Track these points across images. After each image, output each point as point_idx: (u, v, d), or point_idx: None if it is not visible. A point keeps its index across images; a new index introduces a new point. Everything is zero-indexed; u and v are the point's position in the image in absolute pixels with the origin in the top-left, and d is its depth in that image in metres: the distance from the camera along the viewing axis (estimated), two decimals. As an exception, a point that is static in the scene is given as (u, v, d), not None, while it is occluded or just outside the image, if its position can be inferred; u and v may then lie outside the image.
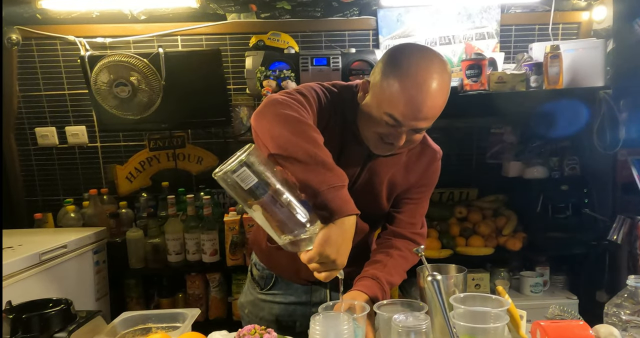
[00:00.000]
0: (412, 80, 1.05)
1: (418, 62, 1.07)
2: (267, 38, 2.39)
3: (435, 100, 1.08)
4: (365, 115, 1.16)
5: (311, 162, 0.93)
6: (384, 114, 1.10)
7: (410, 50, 1.13)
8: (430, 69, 1.06)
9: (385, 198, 1.33)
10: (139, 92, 2.33)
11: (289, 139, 0.96)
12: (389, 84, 1.08)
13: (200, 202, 2.44)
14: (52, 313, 1.01)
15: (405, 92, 1.05)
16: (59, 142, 2.64)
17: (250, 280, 1.49)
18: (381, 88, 1.10)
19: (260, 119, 1.02)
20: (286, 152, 0.94)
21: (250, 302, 1.47)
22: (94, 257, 2.26)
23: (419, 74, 1.06)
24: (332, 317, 0.86)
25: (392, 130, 1.12)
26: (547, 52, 2.19)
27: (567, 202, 2.42)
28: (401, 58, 1.09)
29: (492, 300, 1.03)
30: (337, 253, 0.91)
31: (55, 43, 2.53)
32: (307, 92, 1.15)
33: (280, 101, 1.05)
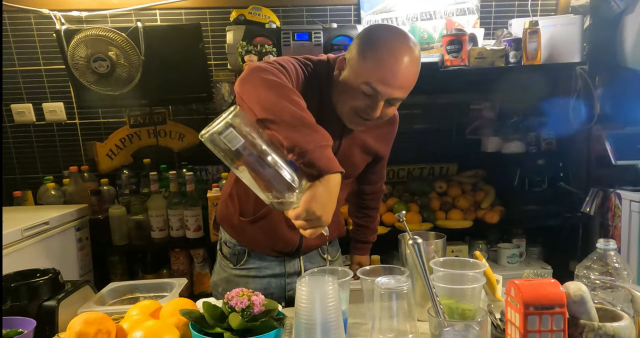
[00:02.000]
0: (388, 50, 1.13)
1: (393, 36, 1.16)
2: (248, 12, 2.37)
3: (409, 70, 1.15)
4: (342, 90, 1.21)
5: (298, 124, 0.96)
6: (362, 84, 1.15)
7: (385, 27, 1.26)
8: (404, 43, 1.15)
9: (361, 164, 1.45)
10: (117, 67, 2.30)
11: (275, 101, 0.99)
12: (366, 56, 1.14)
13: (182, 179, 2.44)
14: (40, 282, 1.02)
15: (382, 60, 1.12)
16: (36, 119, 2.60)
17: (222, 258, 1.50)
18: (359, 60, 1.15)
19: (245, 84, 1.05)
20: (273, 114, 0.97)
21: (224, 280, 1.47)
22: (76, 234, 2.25)
23: (394, 45, 1.14)
24: (318, 279, 0.89)
25: (368, 102, 1.17)
26: (526, 28, 2.23)
27: (543, 176, 2.49)
28: (378, 33, 1.18)
29: (469, 264, 1.08)
30: (322, 209, 0.94)
31: (29, 16, 2.46)
32: (286, 64, 1.18)
33: (264, 68, 1.08)
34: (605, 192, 2.37)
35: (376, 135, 1.41)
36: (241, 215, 1.41)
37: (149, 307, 0.99)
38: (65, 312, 1.03)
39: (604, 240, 1.12)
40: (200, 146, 2.64)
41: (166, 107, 2.62)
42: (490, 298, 1.25)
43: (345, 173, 1.29)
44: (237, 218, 1.42)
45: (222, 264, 1.49)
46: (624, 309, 1.06)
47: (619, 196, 2.30)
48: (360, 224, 1.71)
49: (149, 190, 2.45)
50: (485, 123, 2.69)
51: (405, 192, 2.63)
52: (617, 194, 2.31)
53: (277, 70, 1.09)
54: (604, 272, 1.11)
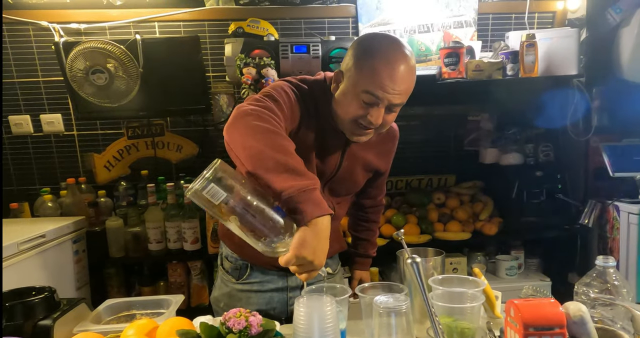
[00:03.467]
0: (385, 56, 1.16)
1: (389, 43, 1.19)
2: (247, 25, 2.38)
3: (406, 75, 1.17)
4: (341, 102, 1.22)
5: (282, 170, 0.96)
6: (362, 93, 1.17)
7: (379, 35, 1.28)
8: (400, 49, 1.18)
9: (362, 181, 1.46)
10: (116, 79, 2.30)
11: (260, 150, 0.99)
12: (363, 64, 1.16)
13: (180, 190, 2.44)
14: (35, 301, 1.01)
15: (380, 67, 1.15)
16: (33, 130, 2.59)
17: (224, 273, 1.49)
18: (356, 70, 1.17)
19: (232, 132, 1.05)
20: (259, 162, 0.97)
21: (226, 295, 1.47)
22: (73, 246, 2.24)
23: (390, 52, 1.17)
24: (316, 299, 0.88)
25: (369, 110, 1.18)
26: (523, 41, 2.24)
27: (541, 187, 2.49)
28: (372, 42, 1.20)
29: (468, 282, 1.08)
30: (313, 254, 0.92)
31: (27, 28, 2.46)
32: (278, 95, 1.18)
33: (250, 112, 1.07)
34: (604, 204, 2.37)
35: (378, 152, 1.42)
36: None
37: (146, 327, 0.99)
38: (61, 331, 1.02)
39: (603, 257, 1.12)
40: (199, 157, 2.66)
41: (164, 119, 2.62)
42: (490, 315, 1.24)
43: (346, 190, 1.35)
44: (237, 236, 1.41)
45: (224, 279, 1.49)
46: (624, 327, 1.06)
47: (617, 208, 2.30)
48: (361, 238, 1.71)
49: (147, 202, 2.44)
50: (483, 134, 2.69)
51: (403, 203, 2.62)
52: (615, 206, 2.31)
53: (266, 110, 1.09)
54: (603, 289, 1.11)
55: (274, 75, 2.18)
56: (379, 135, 1.36)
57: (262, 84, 2.17)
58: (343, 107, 1.22)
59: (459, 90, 2.37)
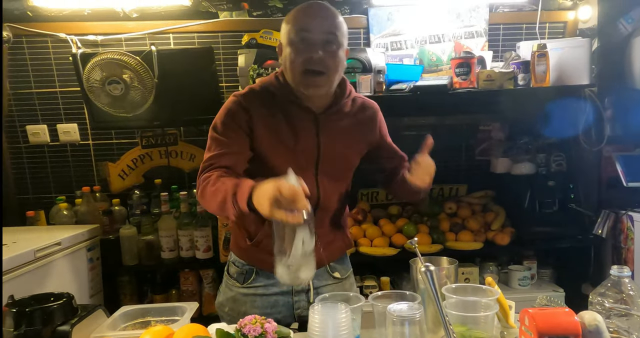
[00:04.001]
0: (302, 7, 1.33)
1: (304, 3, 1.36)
2: (260, 36, 2.41)
3: (324, 13, 1.32)
4: (286, 61, 1.34)
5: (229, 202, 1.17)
6: (294, 40, 1.30)
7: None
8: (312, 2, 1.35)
9: (354, 157, 1.49)
10: (131, 90, 2.34)
11: (217, 208, 1.23)
12: (288, 19, 1.33)
13: (193, 199, 2.46)
14: (54, 307, 1.03)
15: (299, 14, 1.32)
16: (50, 139, 2.64)
17: (228, 278, 1.51)
18: (285, 26, 1.33)
19: (202, 202, 1.30)
20: (224, 213, 1.21)
21: (230, 299, 1.48)
22: (87, 254, 2.27)
23: (306, 3, 1.34)
24: (330, 307, 0.89)
25: (308, 49, 1.29)
26: (534, 51, 2.25)
27: (554, 197, 2.48)
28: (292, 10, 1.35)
29: (482, 291, 1.08)
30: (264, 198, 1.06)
31: (46, 40, 2.52)
32: (222, 125, 1.33)
33: (202, 185, 1.27)
34: (617, 214, 2.35)
35: (353, 123, 1.46)
36: (248, 238, 1.44)
37: (161, 333, 1.00)
38: (79, 336, 1.04)
39: (618, 267, 1.12)
40: (211, 167, 2.68)
41: (178, 128, 2.66)
42: (503, 325, 1.23)
43: (338, 170, 1.46)
44: (244, 242, 1.45)
45: (228, 283, 1.50)
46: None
47: (631, 218, 2.28)
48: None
49: (160, 211, 2.47)
50: (495, 144, 2.69)
51: (414, 212, 2.62)
52: (629, 216, 2.29)
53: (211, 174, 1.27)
54: (618, 300, 1.11)
55: (286, 86, 2.21)
56: (352, 108, 1.45)
57: (275, 94, 2.20)
58: (288, 63, 1.32)
59: (470, 100, 2.38)
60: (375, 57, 2.34)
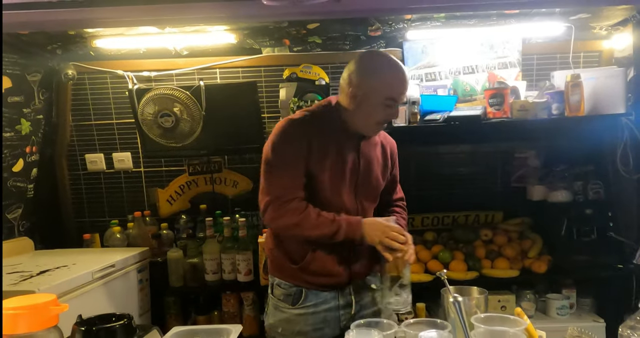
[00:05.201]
0: (393, 70, 1.51)
1: (385, 58, 1.53)
2: (300, 70, 2.56)
3: (407, 78, 1.54)
4: (364, 111, 1.51)
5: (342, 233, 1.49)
6: (385, 100, 1.49)
7: (374, 54, 1.60)
8: (397, 62, 1.53)
9: (382, 181, 1.69)
10: (181, 122, 2.52)
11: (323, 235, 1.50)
12: (379, 80, 1.49)
13: (235, 224, 2.58)
14: (117, 326, 1.16)
15: (394, 80, 1.50)
16: (106, 167, 2.85)
17: (277, 301, 1.62)
18: (374, 85, 1.49)
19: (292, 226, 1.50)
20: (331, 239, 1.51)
21: (283, 320, 1.59)
22: (138, 275, 2.42)
23: (392, 64, 1.52)
24: (364, 332, 0.97)
25: (388, 111, 1.52)
26: (568, 81, 2.28)
27: (592, 225, 2.46)
28: (373, 61, 1.53)
29: (510, 321, 1.13)
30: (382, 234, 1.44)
31: (105, 77, 2.76)
32: (284, 150, 1.49)
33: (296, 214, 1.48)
34: (659, 244, 2.32)
35: (381, 151, 1.69)
36: (292, 262, 1.57)
37: (211, 353, 1.10)
38: (137, 353, 1.15)
39: (647, 299, 1.14)
40: (252, 193, 2.82)
41: (222, 157, 2.81)
42: (533, 354, 1.27)
43: (371, 192, 1.67)
44: (288, 265, 1.58)
45: (279, 306, 1.61)
46: (668, 372, 1.07)
47: (673, 248, 2.24)
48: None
49: (205, 235, 2.61)
50: (531, 171, 2.71)
51: (450, 239, 2.65)
52: (671, 246, 2.25)
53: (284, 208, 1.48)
54: (647, 333, 1.13)
55: (324, 117, 2.32)
56: (379, 136, 1.70)
57: (314, 126, 2.31)
58: (367, 114, 1.52)
59: (504, 129, 2.42)
60: (410, 89, 2.43)
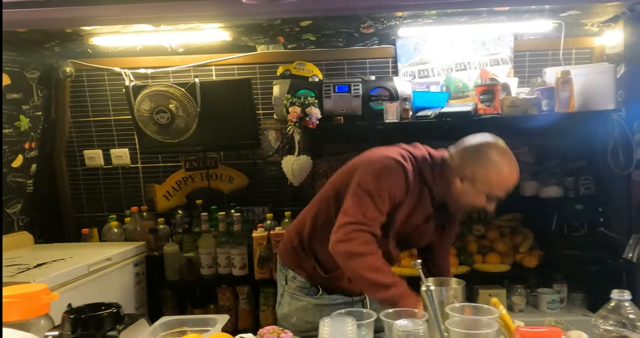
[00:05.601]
0: (512, 170, 1.50)
1: (508, 156, 1.51)
2: (294, 67, 2.59)
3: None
4: (467, 195, 1.52)
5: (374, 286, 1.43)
6: (490, 193, 1.50)
7: (498, 147, 1.53)
8: (514, 161, 1.52)
9: (432, 241, 1.72)
10: (177, 118, 2.56)
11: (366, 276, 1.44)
12: (493, 176, 1.48)
13: (231, 219, 2.62)
14: (105, 315, 1.20)
15: (507, 181, 1.49)
16: (104, 163, 2.90)
17: (294, 291, 1.67)
18: (488, 178, 1.48)
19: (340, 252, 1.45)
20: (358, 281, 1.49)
21: (299, 309, 1.64)
22: (134, 269, 2.47)
23: (513, 165, 1.51)
24: (339, 320, 1.00)
25: (489, 202, 1.53)
26: (558, 78, 2.30)
27: (582, 220, 2.49)
28: (497, 154, 1.50)
29: (484, 310, 1.16)
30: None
31: (103, 74, 2.80)
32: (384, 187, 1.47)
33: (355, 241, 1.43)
34: (648, 239, 2.34)
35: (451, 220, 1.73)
36: (323, 271, 1.62)
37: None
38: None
39: (619, 291, 1.18)
40: (248, 188, 2.86)
41: (218, 153, 2.85)
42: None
43: (413, 246, 1.80)
44: (315, 271, 1.63)
45: (295, 295, 1.67)
46: (638, 360, 1.10)
47: (662, 243, 2.26)
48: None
49: (200, 229, 2.65)
50: (523, 167, 2.70)
51: (443, 234, 2.68)
52: (660, 241, 2.27)
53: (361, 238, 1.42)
54: (619, 322, 1.16)
55: (317, 114, 2.36)
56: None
57: (307, 122, 2.35)
58: (468, 198, 1.53)
59: (495, 125, 2.44)
60: (402, 85, 2.46)
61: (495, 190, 1.49)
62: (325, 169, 2.75)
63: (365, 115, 2.45)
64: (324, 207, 1.61)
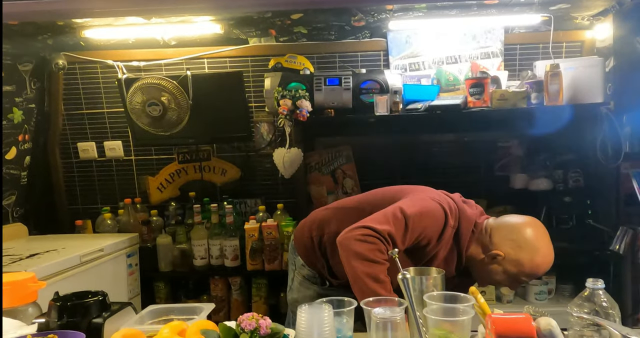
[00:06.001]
0: (547, 257, 1.47)
1: (547, 243, 1.48)
2: (285, 60, 2.60)
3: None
4: (497, 274, 1.49)
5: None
6: (520, 277, 1.47)
7: (539, 231, 1.51)
8: (549, 247, 1.49)
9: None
10: (169, 111, 2.58)
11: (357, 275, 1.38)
12: (530, 260, 1.44)
13: (223, 211, 2.65)
14: (91, 302, 1.22)
15: (543, 265, 1.46)
16: (98, 155, 2.92)
17: (303, 279, 1.68)
18: (515, 263, 1.45)
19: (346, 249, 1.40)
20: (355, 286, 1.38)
21: (308, 297, 1.64)
22: (127, 260, 2.50)
23: (550, 252, 1.48)
24: (316, 307, 1.03)
25: (513, 284, 1.52)
26: (547, 71, 2.32)
27: (571, 213, 2.51)
28: (537, 238, 1.48)
29: (461, 298, 1.18)
30: None
31: (95, 67, 2.81)
32: (419, 224, 1.42)
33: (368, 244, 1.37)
34: (635, 231, 2.36)
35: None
36: (332, 276, 1.63)
37: (178, 327, 1.16)
38: (110, 328, 1.22)
39: (593, 280, 1.21)
40: (241, 181, 2.88)
41: (211, 145, 2.87)
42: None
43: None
44: (323, 269, 1.63)
45: (305, 283, 1.68)
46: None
47: (648, 235, 2.28)
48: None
49: (193, 221, 2.68)
50: (514, 160, 2.75)
51: (433, 226, 2.71)
52: (646, 233, 2.30)
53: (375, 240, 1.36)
54: (593, 310, 1.19)
55: (307, 107, 2.37)
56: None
57: (297, 115, 2.37)
58: (496, 277, 1.49)
59: (485, 118, 2.47)
60: (392, 78, 2.48)
61: (524, 275, 1.46)
62: (317, 161, 2.78)
63: (356, 108, 2.46)
64: (355, 218, 1.53)
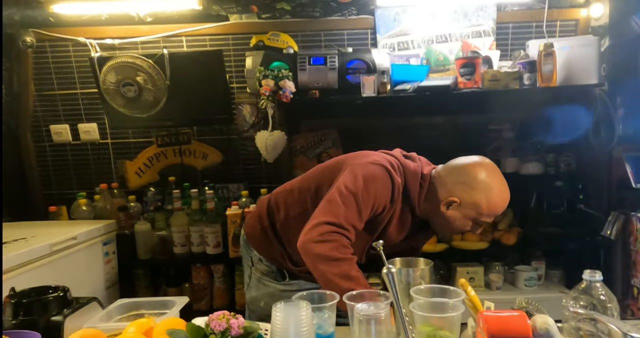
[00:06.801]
0: (503, 194, 1.41)
1: (501, 182, 1.42)
2: (267, 38, 2.47)
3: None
4: (455, 220, 1.44)
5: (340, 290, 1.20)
6: (479, 219, 1.42)
7: (491, 170, 1.43)
8: (503, 182, 1.42)
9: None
10: (145, 92, 2.45)
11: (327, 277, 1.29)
12: (486, 200, 1.39)
13: (204, 197, 2.54)
14: (49, 299, 1.13)
15: (501, 203, 1.41)
16: (72, 138, 2.78)
17: (261, 275, 1.58)
18: (479, 203, 1.39)
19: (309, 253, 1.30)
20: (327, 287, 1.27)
21: (267, 295, 1.56)
22: (103, 248, 2.39)
23: (505, 190, 1.42)
24: (292, 304, 0.94)
25: (473, 227, 1.46)
26: (541, 50, 2.22)
27: (562, 198, 2.46)
28: (490, 177, 1.40)
29: (450, 292, 1.10)
30: None
31: (67, 44, 2.65)
32: (368, 194, 1.34)
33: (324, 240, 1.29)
34: (627, 216, 2.31)
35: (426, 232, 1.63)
36: (293, 264, 1.53)
37: (144, 325, 1.07)
38: (72, 326, 1.12)
39: (590, 271, 1.13)
40: (223, 165, 2.77)
41: (191, 128, 2.75)
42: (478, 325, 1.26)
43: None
44: (285, 261, 1.53)
45: (262, 280, 1.58)
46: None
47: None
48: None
49: (173, 207, 2.57)
50: (505, 143, 2.67)
51: (421, 212, 2.64)
52: (638, 218, 2.25)
53: (337, 240, 1.29)
54: (589, 304, 1.12)
55: (291, 87, 2.26)
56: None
57: (280, 96, 2.25)
58: (454, 224, 1.44)
59: (476, 100, 2.38)
60: (380, 58, 2.37)
61: (484, 216, 1.41)
62: (302, 145, 2.68)
63: (342, 88, 2.35)
64: (302, 198, 1.49)
